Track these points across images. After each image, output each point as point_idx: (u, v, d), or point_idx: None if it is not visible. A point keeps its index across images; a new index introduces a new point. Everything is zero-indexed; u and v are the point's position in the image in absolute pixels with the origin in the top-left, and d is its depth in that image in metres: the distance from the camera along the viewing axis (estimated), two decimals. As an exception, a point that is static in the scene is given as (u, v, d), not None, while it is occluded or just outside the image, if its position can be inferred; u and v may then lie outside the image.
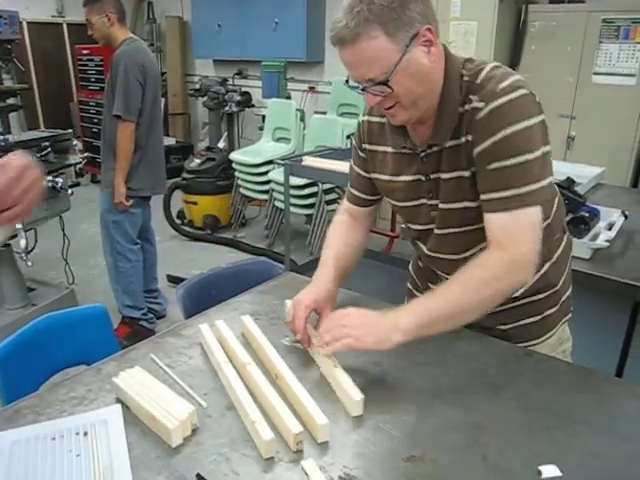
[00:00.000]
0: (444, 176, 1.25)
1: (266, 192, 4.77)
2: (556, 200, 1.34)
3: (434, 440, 1.05)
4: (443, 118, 1.20)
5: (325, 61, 6.15)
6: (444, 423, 1.09)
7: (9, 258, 3.38)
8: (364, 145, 1.41)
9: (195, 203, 5.11)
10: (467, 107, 1.17)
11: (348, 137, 4.54)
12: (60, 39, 7.59)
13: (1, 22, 3.43)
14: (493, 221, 1.17)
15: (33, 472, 0.98)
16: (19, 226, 2.91)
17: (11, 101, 4.97)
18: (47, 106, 7.55)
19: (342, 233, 1.50)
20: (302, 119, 5.28)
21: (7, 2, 3.22)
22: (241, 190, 5.01)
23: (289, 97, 5.73)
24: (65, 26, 7.56)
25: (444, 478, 0.96)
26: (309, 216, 4.57)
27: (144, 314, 3.34)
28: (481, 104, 1.14)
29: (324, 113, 5.40)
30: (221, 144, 5.63)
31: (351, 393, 1.12)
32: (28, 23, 6.97)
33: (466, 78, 1.18)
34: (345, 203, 1.54)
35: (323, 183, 4.12)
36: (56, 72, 7.60)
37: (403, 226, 2.18)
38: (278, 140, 5.17)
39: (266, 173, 4.67)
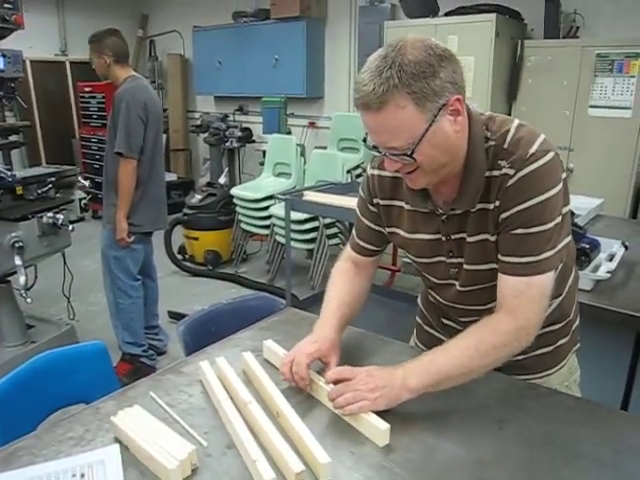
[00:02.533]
0: (469, 239, 1.24)
1: (267, 227, 4.78)
2: (570, 237, 1.33)
3: (438, 478, 1.03)
4: (469, 184, 1.19)
5: (325, 96, 6.24)
6: (448, 460, 1.08)
7: (8, 295, 3.36)
8: (376, 200, 1.38)
9: (196, 239, 5.12)
10: (496, 172, 1.16)
11: (349, 172, 4.59)
12: (63, 77, 7.72)
13: (5, 61, 3.47)
14: (507, 283, 1.19)
15: (29, 516, 0.96)
16: (19, 263, 2.91)
17: (13, 138, 5.02)
18: (49, 142, 7.63)
19: (345, 281, 1.47)
20: (302, 154, 5.33)
21: (11, 41, 3.25)
22: (242, 225, 5.03)
23: (289, 132, 5.80)
24: (68, 64, 7.70)
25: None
26: (310, 251, 4.58)
27: (145, 351, 3.32)
28: (511, 171, 1.14)
29: (324, 148, 5.46)
30: (222, 179, 5.68)
31: (376, 423, 1.12)
32: (31, 62, 7.09)
33: (492, 142, 1.17)
34: (349, 251, 1.51)
35: (324, 217, 4.14)
36: (58, 109, 7.70)
37: (406, 260, 2.18)
38: (279, 175, 5.21)
39: (267, 208, 4.70)
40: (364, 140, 1.19)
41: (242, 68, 6.48)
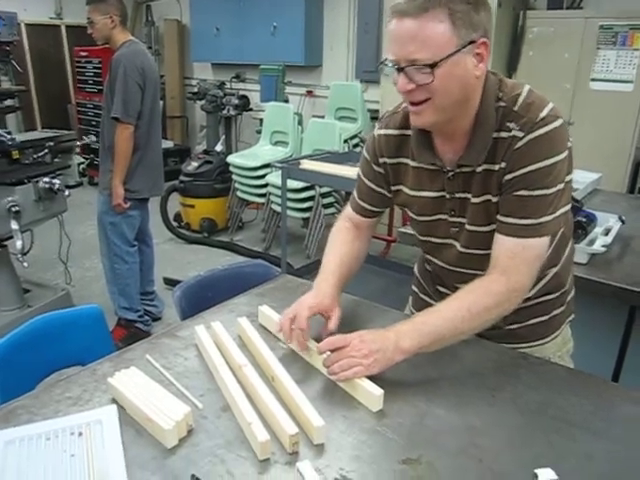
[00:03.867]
0: (473, 200, 1.25)
1: (263, 195, 4.77)
2: (569, 206, 1.34)
3: (430, 443, 1.05)
4: (477, 140, 1.19)
5: (323, 65, 6.18)
6: (440, 426, 1.09)
7: (5, 259, 3.37)
8: (382, 159, 1.37)
9: (192, 206, 5.11)
10: (504, 134, 1.17)
11: (346, 141, 4.55)
12: (58, 41, 7.60)
13: (0, 24, 3.43)
14: (504, 244, 1.20)
15: (26, 472, 0.97)
16: (15, 227, 2.91)
17: (8, 102, 4.97)
18: (44, 108, 7.56)
19: (344, 241, 1.48)
20: (300, 123, 5.29)
21: (5, 3, 3.20)
22: (238, 193, 5.02)
23: (287, 101, 5.75)
24: (63, 28, 7.58)
25: (440, 480, 0.96)
26: (306, 220, 4.57)
27: (140, 316, 3.34)
28: (520, 133, 1.14)
29: (322, 117, 5.42)
30: (219, 147, 5.64)
31: (370, 389, 1.14)
32: (26, 25, 6.98)
33: (503, 103, 1.17)
34: (348, 211, 1.52)
35: (320, 187, 4.13)
36: (54, 74, 7.61)
37: (402, 230, 2.17)
38: (276, 144, 5.18)
39: (263, 177, 4.68)
40: (381, 63, 1.17)
41: (240, 35, 6.39)
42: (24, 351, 1.57)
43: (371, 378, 1.16)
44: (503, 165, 1.18)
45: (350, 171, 3.36)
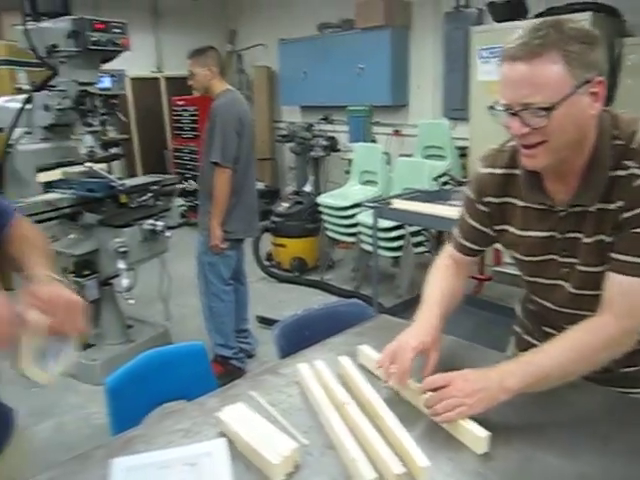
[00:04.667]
0: (586, 240, 1.22)
1: (353, 235, 4.81)
2: None
3: (540, 488, 1.02)
4: (592, 180, 1.17)
5: (409, 104, 6.24)
6: (548, 472, 1.06)
7: (111, 296, 3.58)
8: (487, 198, 1.36)
9: (283, 246, 5.23)
10: (621, 172, 1.14)
11: (435, 179, 4.54)
12: (157, 92, 8.11)
13: (111, 80, 3.72)
14: (616, 283, 1.17)
15: (146, 500, 1.03)
16: (122, 267, 3.09)
17: (114, 150, 5.34)
18: (144, 154, 8.03)
19: (444, 277, 1.49)
20: (388, 162, 5.34)
21: (115, 62, 3.50)
22: (328, 233, 5.09)
23: (374, 141, 5.83)
24: (162, 80, 8.08)
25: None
26: (396, 259, 4.57)
27: (235, 353, 3.43)
28: (639, 171, 1.12)
29: (409, 155, 5.45)
30: (307, 188, 5.78)
31: (475, 431, 1.12)
32: (130, 79, 7.50)
33: (619, 141, 1.15)
34: (450, 249, 1.52)
35: (410, 225, 4.12)
36: (153, 122, 8.09)
37: (497, 269, 2.13)
38: (365, 183, 5.24)
39: (353, 216, 4.73)
40: (491, 107, 1.17)
41: (327, 78, 6.57)
42: (134, 384, 1.66)
43: (475, 420, 1.15)
44: (620, 204, 1.15)
45: (441, 210, 3.35)
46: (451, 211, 3.28)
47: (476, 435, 1.12)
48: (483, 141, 4.88)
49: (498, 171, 1.33)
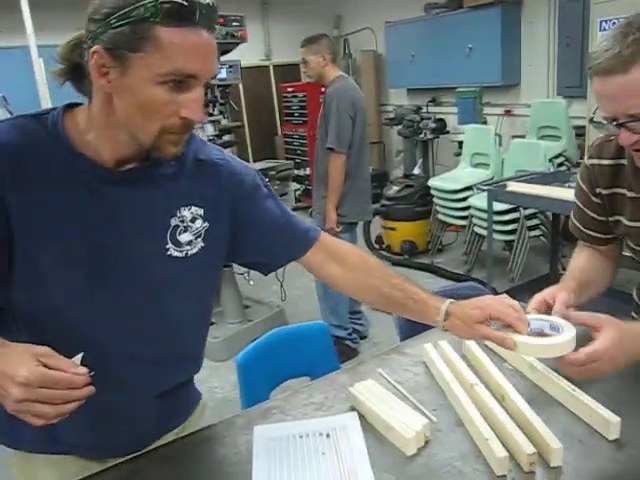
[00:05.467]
0: None
1: (464, 218, 4.75)
2: None
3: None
4: None
5: (521, 83, 6.02)
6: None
7: (231, 278, 3.77)
8: (598, 190, 1.34)
9: (393, 229, 5.26)
10: None
11: (550, 160, 4.38)
12: (267, 79, 8.34)
13: (227, 71, 3.89)
14: None
15: (287, 465, 1.11)
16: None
17: (227, 138, 5.57)
18: (255, 140, 8.30)
19: (579, 257, 1.44)
20: (500, 144, 5.21)
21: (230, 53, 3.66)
22: (439, 216, 5.05)
23: (485, 122, 5.69)
24: (271, 67, 8.29)
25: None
26: (508, 242, 4.47)
27: (349, 334, 3.52)
28: None
29: (522, 136, 5.28)
30: (416, 171, 5.74)
31: (606, 416, 1.11)
32: (242, 68, 7.76)
33: None
34: (581, 244, 1.48)
35: (525, 208, 4.01)
36: (263, 109, 8.34)
37: (628, 254, 2.06)
38: (476, 166, 5.14)
39: (465, 199, 4.67)
40: (591, 120, 1.14)
41: (435, 59, 6.48)
42: (262, 360, 1.77)
43: (606, 405, 1.14)
44: None
45: (559, 192, 3.25)
46: (569, 193, 3.16)
47: (607, 420, 1.11)
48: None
49: (605, 162, 1.30)
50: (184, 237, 1.05)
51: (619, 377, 1.27)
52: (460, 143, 5.44)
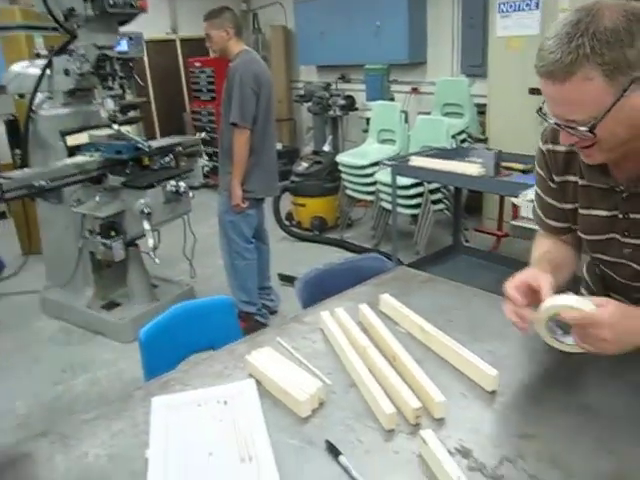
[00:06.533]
0: None
1: (372, 193, 4.86)
2: None
3: (547, 420, 1.10)
4: None
5: (427, 61, 6.18)
6: (556, 406, 1.14)
7: (137, 258, 3.69)
8: (552, 175, 1.32)
9: (303, 205, 5.30)
10: None
11: (453, 137, 4.54)
12: (173, 54, 8.12)
13: (129, 43, 3.75)
14: None
15: (185, 431, 1.12)
16: (147, 227, 3.18)
17: (132, 114, 5.40)
18: (162, 117, 8.09)
19: (541, 244, 1.41)
20: (406, 120, 5.34)
21: (130, 25, 3.53)
22: (347, 192, 5.14)
23: (392, 99, 5.82)
24: (178, 41, 8.07)
25: (557, 455, 1.01)
26: (414, 216, 4.62)
27: (259, 309, 3.54)
28: None
29: (428, 113, 5.43)
30: (326, 147, 5.80)
31: (485, 369, 1.20)
32: (146, 42, 7.49)
33: None
34: (541, 233, 1.45)
35: (429, 183, 4.16)
36: (170, 85, 8.13)
37: (514, 223, 2.14)
38: (383, 142, 5.25)
39: (372, 174, 4.77)
40: (539, 110, 1.11)
41: (344, 37, 6.53)
42: (166, 335, 1.76)
43: (485, 360, 1.22)
44: None
45: (459, 166, 3.37)
46: (469, 168, 3.31)
47: (487, 373, 1.19)
48: (501, 98, 4.89)
49: (559, 148, 1.27)
50: None
51: (501, 336, 1.37)
52: (368, 120, 5.54)
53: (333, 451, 1.05)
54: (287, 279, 4.14)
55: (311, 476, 1.01)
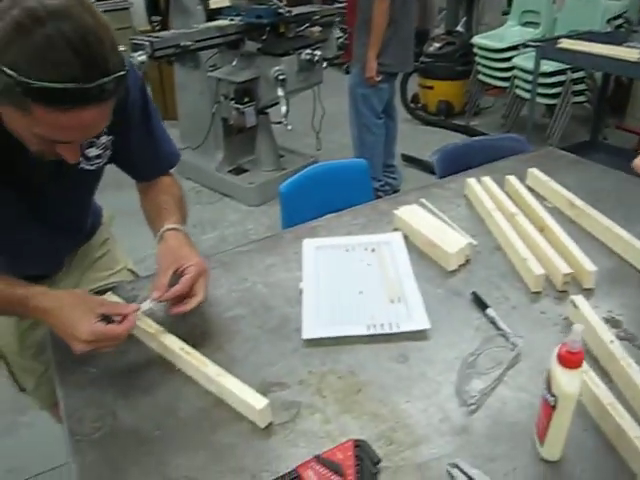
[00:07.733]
0: None
1: (507, 79, 4.58)
2: None
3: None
4: None
5: None
6: None
7: (266, 125, 3.77)
8: None
9: (431, 87, 5.10)
10: None
11: (609, 21, 4.13)
12: None
13: None
14: None
15: (334, 271, 1.19)
16: (281, 94, 3.22)
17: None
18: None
19: None
20: (554, 1, 4.88)
21: None
22: (480, 77, 4.87)
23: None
24: None
25: None
26: (550, 107, 4.34)
27: (382, 186, 3.56)
28: None
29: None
30: (459, 28, 5.47)
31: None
32: None
33: None
34: None
35: (574, 71, 3.85)
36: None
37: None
38: (525, 24, 4.86)
39: (510, 59, 4.47)
40: None
41: None
42: (304, 191, 1.82)
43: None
44: None
45: (617, 51, 3.08)
46: (626, 53, 3.03)
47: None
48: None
49: None
50: (92, 152, 1.03)
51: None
52: (509, 1, 5.11)
53: (480, 303, 1.08)
54: (411, 160, 4.10)
55: (458, 322, 1.05)
